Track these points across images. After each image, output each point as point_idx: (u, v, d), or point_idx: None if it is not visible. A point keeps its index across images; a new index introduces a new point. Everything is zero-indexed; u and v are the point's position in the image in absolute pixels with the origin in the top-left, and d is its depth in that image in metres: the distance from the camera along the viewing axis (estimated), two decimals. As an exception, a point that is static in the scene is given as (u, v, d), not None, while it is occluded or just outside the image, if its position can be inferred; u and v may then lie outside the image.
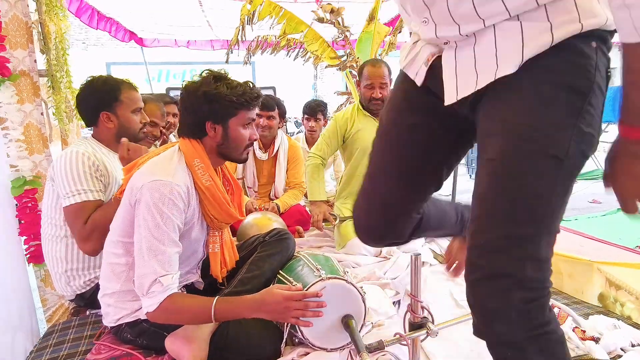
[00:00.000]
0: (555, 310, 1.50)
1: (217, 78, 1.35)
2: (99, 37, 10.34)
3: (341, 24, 3.67)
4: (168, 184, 1.22)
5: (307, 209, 2.86)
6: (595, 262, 1.77)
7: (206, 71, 1.38)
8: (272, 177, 2.77)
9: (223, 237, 1.50)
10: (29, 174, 1.91)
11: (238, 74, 1.54)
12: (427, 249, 2.28)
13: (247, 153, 1.45)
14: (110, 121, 1.62)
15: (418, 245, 2.29)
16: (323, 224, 2.44)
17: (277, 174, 2.74)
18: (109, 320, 1.35)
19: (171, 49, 6.24)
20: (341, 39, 3.74)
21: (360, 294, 1.31)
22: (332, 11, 3.52)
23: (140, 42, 5.84)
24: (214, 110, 1.33)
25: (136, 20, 5.02)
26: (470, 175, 8.77)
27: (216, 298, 1.22)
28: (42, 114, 1.86)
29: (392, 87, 2.36)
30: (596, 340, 1.37)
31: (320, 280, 1.29)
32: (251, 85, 1.40)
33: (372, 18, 3.72)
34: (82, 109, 1.65)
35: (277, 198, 2.75)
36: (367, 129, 2.39)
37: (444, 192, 6.95)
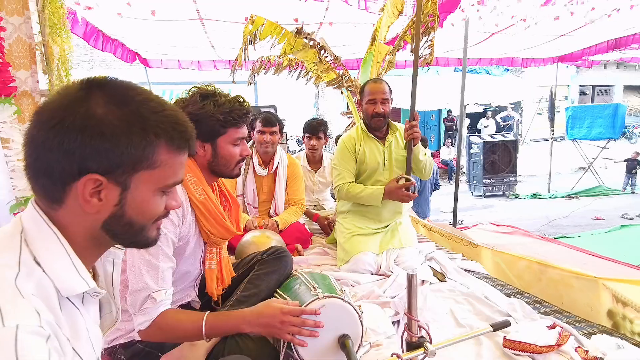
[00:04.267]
0: (557, 329, 1.47)
1: (204, 96, 1.32)
2: (104, 57, 10.53)
3: (325, 48, 3.72)
4: None
5: (307, 227, 2.85)
6: (600, 278, 1.74)
7: (194, 88, 1.36)
8: (272, 193, 2.76)
9: (221, 253, 1.48)
10: (30, 193, 1.92)
11: (242, 93, 1.53)
12: (427, 266, 2.26)
13: (239, 168, 1.43)
14: None
15: (417, 263, 2.27)
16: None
17: (277, 189, 2.74)
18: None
19: (176, 70, 6.35)
20: (330, 60, 3.78)
21: (358, 313, 1.29)
22: (299, 32, 3.55)
23: (144, 62, 5.95)
24: (200, 130, 1.27)
25: (140, 41, 5.11)
26: (472, 193, 8.75)
27: (207, 312, 1.20)
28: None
29: (392, 105, 2.41)
30: (600, 360, 1.34)
31: (316, 298, 1.27)
32: (241, 101, 1.38)
33: (374, 39, 3.78)
34: None
35: (277, 214, 2.74)
36: (372, 152, 2.42)
37: (445, 210, 6.93)
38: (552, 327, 1.50)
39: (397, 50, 3.70)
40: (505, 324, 1.22)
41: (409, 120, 2.25)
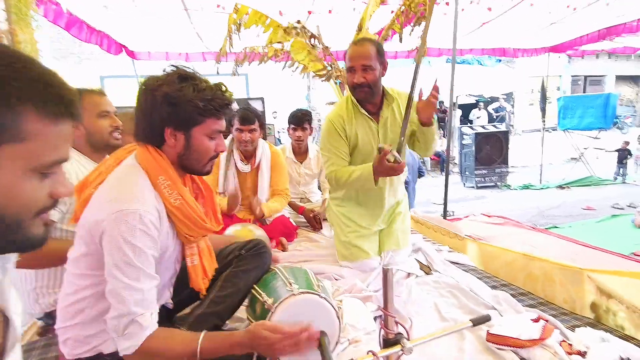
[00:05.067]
0: (541, 322, 1.43)
1: (183, 77, 1.16)
2: (92, 50, 10.34)
3: (317, 37, 3.65)
4: (136, 212, 1.06)
5: (292, 220, 2.80)
6: (585, 269, 1.71)
7: (172, 67, 1.21)
8: (255, 188, 2.70)
9: (200, 246, 1.38)
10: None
11: (233, 86, 1.40)
12: (413, 259, 2.23)
13: (212, 166, 1.30)
14: (78, 130, 1.56)
15: (405, 256, 2.23)
16: None
17: (260, 184, 2.67)
18: (66, 352, 1.20)
19: (164, 62, 6.22)
20: (319, 49, 3.71)
21: (335, 309, 1.24)
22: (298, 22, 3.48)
23: (131, 54, 5.83)
24: (175, 115, 1.15)
25: (127, 33, 5.00)
26: (464, 184, 8.74)
27: (202, 335, 1.10)
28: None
29: (383, 70, 1.99)
30: (583, 354, 1.31)
31: (291, 295, 1.22)
32: (223, 89, 1.24)
33: (360, 28, 3.71)
34: None
35: (261, 209, 2.67)
36: (365, 132, 2.08)
37: (437, 201, 6.93)
38: (537, 320, 1.47)
39: (385, 40, 3.63)
40: (486, 319, 1.18)
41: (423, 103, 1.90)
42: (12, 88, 0.52)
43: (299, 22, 3.44)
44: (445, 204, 5.01)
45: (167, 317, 1.41)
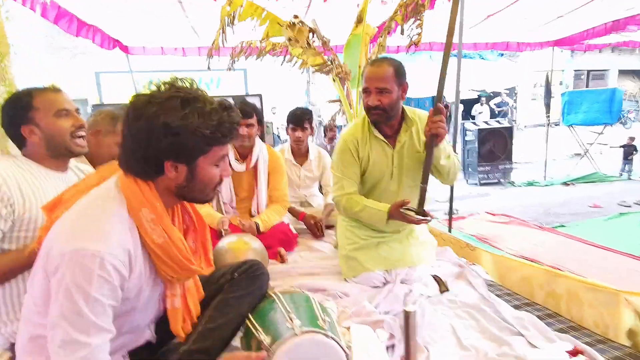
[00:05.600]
0: (581, 358, 1.25)
1: (185, 101, 0.98)
2: (86, 45, 10.09)
3: (314, 32, 3.44)
4: (97, 255, 0.89)
5: (292, 227, 2.61)
6: (622, 291, 1.52)
7: (168, 81, 1.02)
8: (252, 190, 2.50)
9: (186, 285, 1.20)
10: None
11: (232, 82, 1.21)
12: (430, 276, 2.00)
13: (215, 193, 1.14)
14: (34, 134, 1.37)
15: (424, 273, 1.98)
16: None
17: (259, 187, 2.47)
18: None
19: (159, 57, 6.04)
20: (318, 43, 3.51)
21: (344, 351, 1.06)
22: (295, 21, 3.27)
23: (125, 50, 5.62)
24: (177, 147, 0.98)
25: (120, 27, 4.80)
26: (467, 181, 8.57)
27: None
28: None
29: (402, 92, 1.83)
30: (634, 399, 1.13)
31: (293, 335, 1.04)
32: (228, 108, 1.05)
33: (360, 20, 3.52)
34: (6, 132, 1.40)
35: (259, 213, 2.48)
36: (379, 158, 1.94)
37: (441, 199, 6.77)
38: (574, 353, 1.29)
39: (388, 33, 3.43)
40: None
41: (433, 111, 1.74)
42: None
43: (296, 17, 3.22)
44: (451, 202, 4.84)
45: (150, 351, 1.23)
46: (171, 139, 0.97)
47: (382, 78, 1.81)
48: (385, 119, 1.88)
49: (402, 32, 3.13)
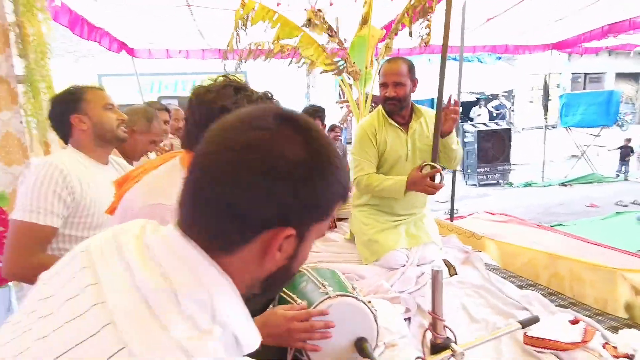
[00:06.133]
0: (582, 324, 1.38)
1: (237, 89, 1.12)
2: (89, 48, 10.21)
3: (335, 31, 3.57)
4: (172, 209, 1.03)
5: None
6: (619, 269, 1.66)
7: (222, 76, 1.18)
8: None
9: None
10: (9, 187, 1.77)
11: None
12: (440, 259, 2.14)
13: None
14: (83, 122, 1.50)
15: (435, 252, 2.16)
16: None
17: None
18: None
19: (163, 60, 6.14)
20: (335, 45, 3.63)
21: (373, 313, 1.18)
22: (317, 13, 3.40)
23: (131, 52, 5.73)
24: None
25: (127, 30, 4.91)
26: (466, 182, 8.71)
27: None
28: (21, 122, 1.73)
29: (413, 86, 2.15)
30: (631, 357, 1.26)
31: (327, 297, 1.16)
32: (270, 97, 1.19)
33: (365, 21, 3.62)
34: (53, 123, 1.55)
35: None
36: (394, 141, 2.19)
37: (441, 199, 6.89)
38: (575, 322, 1.41)
39: (395, 34, 3.56)
40: (534, 320, 1.12)
41: (449, 102, 2.06)
42: (339, 187, 0.60)
43: (320, 10, 3.33)
44: (452, 202, 4.96)
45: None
46: None
47: (397, 73, 2.10)
48: (399, 108, 2.16)
49: (410, 34, 3.25)
